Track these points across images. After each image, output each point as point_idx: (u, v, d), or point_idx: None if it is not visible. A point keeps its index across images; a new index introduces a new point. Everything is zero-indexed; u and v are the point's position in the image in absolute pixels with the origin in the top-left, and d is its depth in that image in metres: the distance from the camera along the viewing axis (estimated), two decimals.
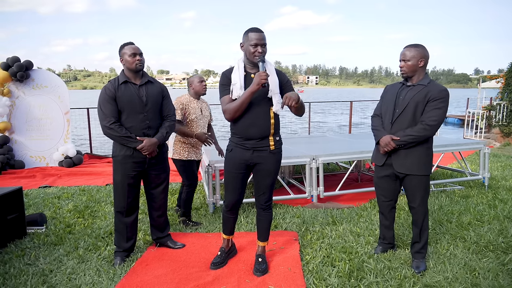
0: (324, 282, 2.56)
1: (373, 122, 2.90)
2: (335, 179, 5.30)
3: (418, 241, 2.78)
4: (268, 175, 2.65)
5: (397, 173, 2.75)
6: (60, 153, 6.86)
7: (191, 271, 2.76)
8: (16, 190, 3.43)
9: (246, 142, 2.56)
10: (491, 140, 9.79)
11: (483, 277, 2.58)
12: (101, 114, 2.77)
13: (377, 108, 2.94)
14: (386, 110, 2.79)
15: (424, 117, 2.59)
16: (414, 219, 2.78)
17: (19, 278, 2.67)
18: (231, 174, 2.65)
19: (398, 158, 2.72)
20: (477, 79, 13.84)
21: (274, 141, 2.60)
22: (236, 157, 2.60)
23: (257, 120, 2.51)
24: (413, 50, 2.60)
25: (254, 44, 2.42)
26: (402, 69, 2.66)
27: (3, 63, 6.63)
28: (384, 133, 2.74)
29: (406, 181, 2.74)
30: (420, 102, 2.59)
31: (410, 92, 2.65)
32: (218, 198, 3.96)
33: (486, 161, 4.79)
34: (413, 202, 2.74)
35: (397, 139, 2.64)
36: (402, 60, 2.65)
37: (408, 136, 2.60)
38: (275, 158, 2.64)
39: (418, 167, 2.66)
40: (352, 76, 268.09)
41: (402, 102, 2.66)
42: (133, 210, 2.98)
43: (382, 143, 2.72)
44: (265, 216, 2.77)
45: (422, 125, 2.58)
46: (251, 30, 2.46)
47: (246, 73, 2.54)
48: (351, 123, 10.03)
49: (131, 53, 2.78)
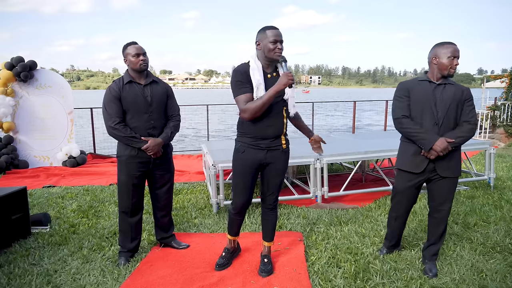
0: (329, 283, 2.54)
1: (408, 124, 2.58)
2: (339, 179, 5.28)
3: (437, 242, 2.71)
4: (278, 174, 2.65)
5: (433, 178, 2.63)
6: (64, 153, 6.87)
7: (196, 271, 2.75)
8: (21, 190, 3.43)
9: (261, 142, 2.51)
10: (496, 140, 9.73)
11: (491, 279, 2.56)
12: (105, 114, 2.76)
13: (402, 108, 2.62)
14: (422, 111, 2.56)
15: (468, 117, 2.54)
16: (438, 221, 2.67)
17: (24, 278, 2.67)
18: (244, 175, 2.59)
19: (442, 161, 2.56)
20: (481, 79, 13.77)
21: (285, 139, 2.60)
22: (249, 158, 2.54)
23: (273, 120, 2.49)
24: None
25: (274, 41, 2.37)
26: (456, 67, 2.52)
27: (7, 63, 6.64)
28: (435, 136, 2.51)
29: (438, 184, 2.62)
30: (460, 102, 2.54)
31: (446, 92, 2.54)
32: (222, 198, 3.95)
33: (491, 162, 4.75)
34: (442, 205, 2.63)
35: (452, 141, 2.49)
36: (456, 57, 2.50)
37: (460, 138, 2.51)
38: (286, 156, 2.66)
39: (459, 168, 2.64)
40: (355, 76, 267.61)
41: (442, 102, 2.53)
42: (138, 210, 2.97)
43: (438, 148, 2.47)
44: (272, 216, 2.75)
45: (470, 125, 2.52)
46: (268, 28, 2.42)
47: (263, 71, 2.49)
48: (355, 123, 10.00)
49: (135, 53, 2.77)
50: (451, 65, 2.49)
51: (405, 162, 2.68)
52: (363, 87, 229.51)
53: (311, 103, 9.67)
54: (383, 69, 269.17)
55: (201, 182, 5.45)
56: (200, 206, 4.31)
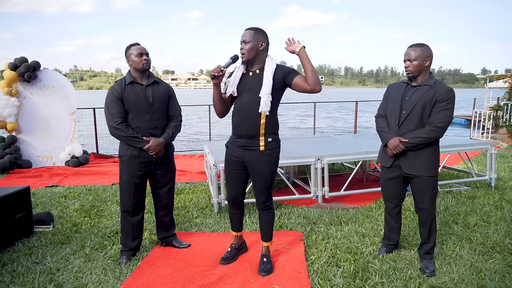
0: (329, 282, 2.56)
1: (379, 123, 2.85)
2: (340, 179, 5.29)
3: (426, 242, 2.76)
4: (259, 175, 2.63)
5: (405, 174, 2.72)
6: (67, 152, 6.92)
7: (197, 270, 2.78)
8: (24, 189, 3.47)
9: (238, 139, 2.64)
10: (498, 140, 9.71)
11: (490, 279, 2.57)
12: (108, 114, 2.79)
13: (381, 108, 2.88)
14: (392, 111, 2.74)
15: (432, 118, 2.55)
16: (423, 220, 2.74)
17: (27, 276, 2.70)
18: (228, 170, 2.77)
19: (406, 159, 2.68)
20: (484, 79, 13.74)
21: (264, 141, 2.56)
22: (230, 153, 2.71)
23: (246, 119, 2.55)
24: (419, 49, 2.57)
25: (240, 43, 2.55)
26: (408, 69, 2.61)
27: (11, 64, 6.69)
28: (391, 135, 2.69)
29: (414, 183, 2.70)
30: (428, 103, 2.55)
31: (417, 92, 2.60)
32: (223, 198, 3.97)
33: (493, 162, 4.75)
34: (421, 204, 2.70)
35: (406, 141, 2.60)
36: (407, 60, 2.61)
37: (417, 138, 2.57)
38: (267, 159, 2.59)
39: (427, 168, 2.63)
40: (357, 76, 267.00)
41: (409, 103, 2.62)
42: (139, 209, 3.00)
43: (390, 146, 2.67)
44: (266, 216, 2.76)
45: (431, 127, 2.55)
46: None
47: (246, 71, 2.62)
48: (357, 124, 10.00)
49: (138, 53, 2.80)
50: (405, 67, 2.63)
51: (379, 157, 2.94)
52: (366, 87, 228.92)
53: (313, 103, 9.68)
54: (386, 69, 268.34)
55: (202, 182, 5.47)
56: (201, 206, 4.34)
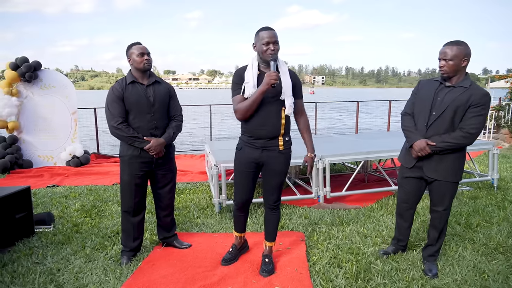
0: (331, 283, 2.54)
1: (405, 121, 2.68)
2: (341, 179, 5.27)
3: (433, 244, 2.72)
4: (276, 174, 2.64)
5: (426, 177, 2.62)
6: (68, 152, 6.91)
7: (198, 270, 2.77)
8: (24, 189, 3.46)
9: (256, 141, 2.55)
10: (500, 140, 9.68)
11: (493, 280, 2.55)
12: (108, 114, 2.78)
13: (408, 105, 2.70)
14: (421, 110, 2.57)
15: (465, 124, 2.40)
16: (435, 223, 2.68)
17: (27, 276, 2.69)
18: (240, 173, 2.66)
19: (430, 163, 2.56)
20: (486, 79, 13.72)
21: (283, 141, 2.58)
22: (245, 156, 2.61)
23: (267, 121, 2.49)
24: (455, 48, 2.38)
25: (266, 43, 2.41)
26: (443, 69, 2.43)
27: (12, 63, 6.69)
28: (418, 136, 2.54)
29: (434, 186, 2.61)
30: (461, 107, 2.39)
31: (450, 94, 2.44)
32: (224, 198, 3.95)
33: (495, 162, 4.73)
34: (438, 207, 2.63)
35: (433, 144, 2.45)
36: (442, 59, 2.42)
37: (446, 143, 2.43)
38: (284, 157, 2.62)
39: (451, 173, 2.53)
40: (358, 76, 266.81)
41: (441, 104, 2.46)
42: (140, 210, 2.99)
43: (416, 148, 2.53)
44: (273, 216, 2.76)
45: (462, 133, 2.40)
46: (262, 29, 2.47)
47: (260, 72, 2.53)
48: (358, 124, 9.98)
49: (139, 52, 2.78)
50: (440, 67, 2.48)
51: (400, 156, 2.83)
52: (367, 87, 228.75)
53: (314, 103, 9.66)
54: (387, 69, 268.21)
55: (203, 182, 5.46)
56: (202, 206, 4.32)
